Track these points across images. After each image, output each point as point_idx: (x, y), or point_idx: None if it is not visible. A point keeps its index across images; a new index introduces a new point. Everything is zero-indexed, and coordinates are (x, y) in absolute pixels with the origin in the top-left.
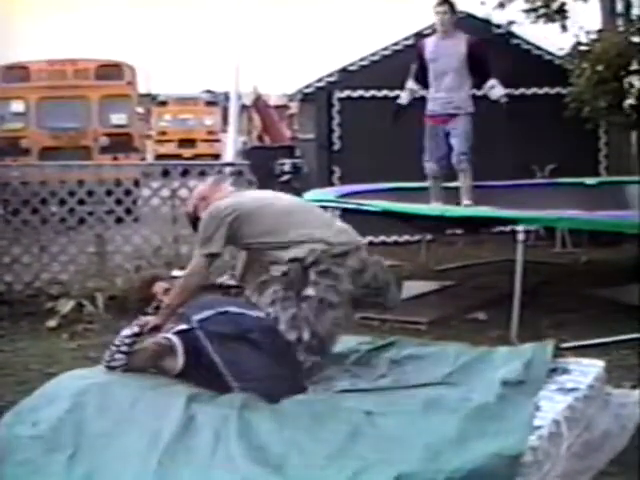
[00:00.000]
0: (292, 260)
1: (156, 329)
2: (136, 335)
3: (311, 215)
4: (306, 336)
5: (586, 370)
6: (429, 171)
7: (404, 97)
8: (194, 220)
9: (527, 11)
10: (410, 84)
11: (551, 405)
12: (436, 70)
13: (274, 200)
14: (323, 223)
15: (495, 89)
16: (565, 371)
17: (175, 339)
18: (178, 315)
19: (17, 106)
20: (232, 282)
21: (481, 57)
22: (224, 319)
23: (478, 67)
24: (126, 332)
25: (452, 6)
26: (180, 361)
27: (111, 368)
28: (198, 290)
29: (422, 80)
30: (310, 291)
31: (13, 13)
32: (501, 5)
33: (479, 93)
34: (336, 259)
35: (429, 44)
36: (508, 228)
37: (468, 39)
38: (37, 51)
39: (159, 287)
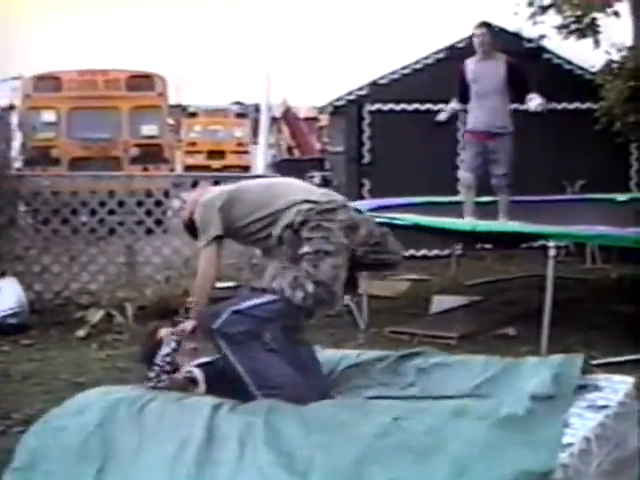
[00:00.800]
0: (283, 227)
1: (194, 332)
2: (175, 350)
3: (292, 185)
4: (310, 288)
5: (617, 387)
6: (464, 180)
7: (444, 116)
8: (191, 225)
9: (559, 27)
10: (454, 104)
11: (581, 422)
12: (478, 91)
13: (254, 181)
14: (304, 189)
15: (533, 100)
16: (596, 388)
17: (197, 372)
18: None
19: (48, 116)
20: (230, 284)
21: (520, 77)
22: (239, 318)
23: (518, 87)
24: (166, 350)
25: (491, 28)
26: (202, 389)
27: (157, 389)
28: (215, 280)
29: (463, 97)
30: (305, 248)
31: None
32: (533, 16)
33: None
34: (324, 214)
35: (470, 65)
36: (537, 243)
37: (507, 60)
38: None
39: (165, 332)
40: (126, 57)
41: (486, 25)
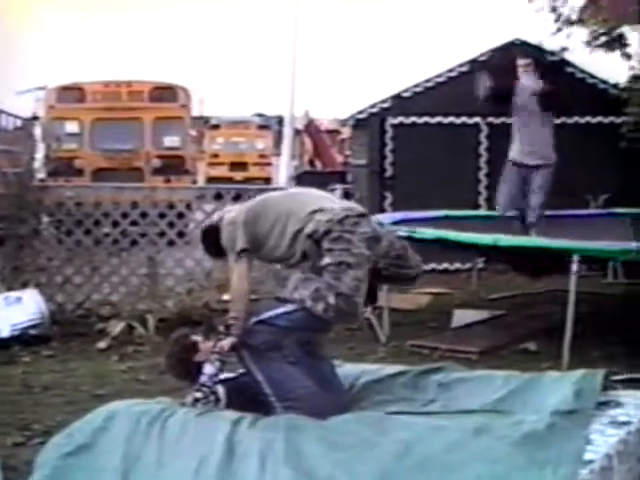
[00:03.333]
0: (305, 238)
1: (234, 349)
2: (221, 370)
3: (313, 195)
4: (331, 300)
5: (639, 403)
6: (502, 210)
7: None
8: (212, 238)
9: (588, 42)
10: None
11: (603, 439)
12: (521, 121)
13: (276, 194)
14: (326, 199)
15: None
16: (617, 404)
17: (219, 388)
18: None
19: (72, 127)
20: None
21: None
22: (261, 327)
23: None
24: (210, 370)
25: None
26: (223, 403)
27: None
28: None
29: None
30: (326, 260)
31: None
32: (559, 30)
33: None
34: (345, 225)
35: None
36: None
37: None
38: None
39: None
40: (149, 68)
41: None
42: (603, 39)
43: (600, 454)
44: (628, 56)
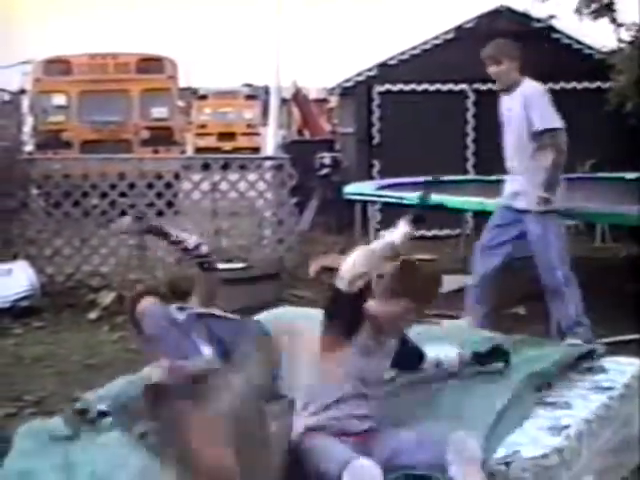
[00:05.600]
0: None
1: None
2: None
3: None
4: None
5: (623, 369)
6: None
7: None
8: None
9: (578, 10)
10: None
11: (584, 404)
12: None
13: None
14: None
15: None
16: (602, 370)
17: None
18: None
19: (59, 99)
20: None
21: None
22: None
23: None
24: None
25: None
26: None
27: None
28: None
29: None
30: None
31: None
32: None
33: None
34: None
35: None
36: None
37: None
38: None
39: None
40: (135, 40)
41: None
42: (594, 6)
43: (577, 419)
44: (616, 22)
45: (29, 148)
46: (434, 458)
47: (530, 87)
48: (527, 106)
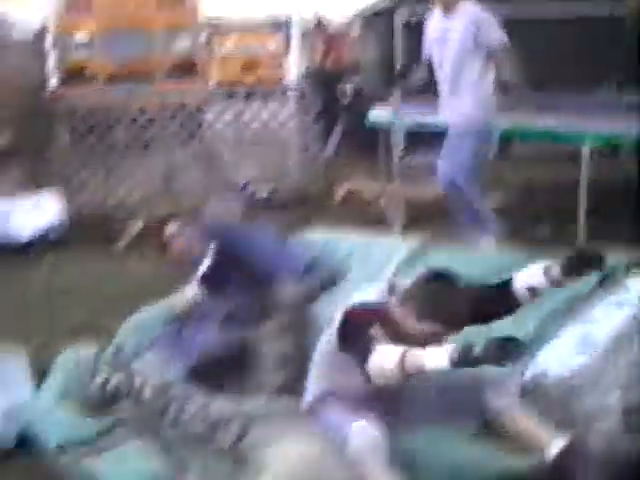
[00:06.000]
0: None
1: None
2: None
3: None
4: None
5: None
6: None
7: None
8: None
9: None
10: None
11: (609, 321)
12: None
13: None
14: None
15: None
16: (625, 287)
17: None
18: None
19: (81, 36)
20: None
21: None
22: None
23: None
24: None
25: None
26: None
27: None
28: None
29: None
30: None
31: None
32: None
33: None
34: None
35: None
36: None
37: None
38: None
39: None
40: None
41: None
42: None
43: (604, 336)
44: None
45: (53, 84)
46: None
47: (477, 8)
48: (479, 26)
